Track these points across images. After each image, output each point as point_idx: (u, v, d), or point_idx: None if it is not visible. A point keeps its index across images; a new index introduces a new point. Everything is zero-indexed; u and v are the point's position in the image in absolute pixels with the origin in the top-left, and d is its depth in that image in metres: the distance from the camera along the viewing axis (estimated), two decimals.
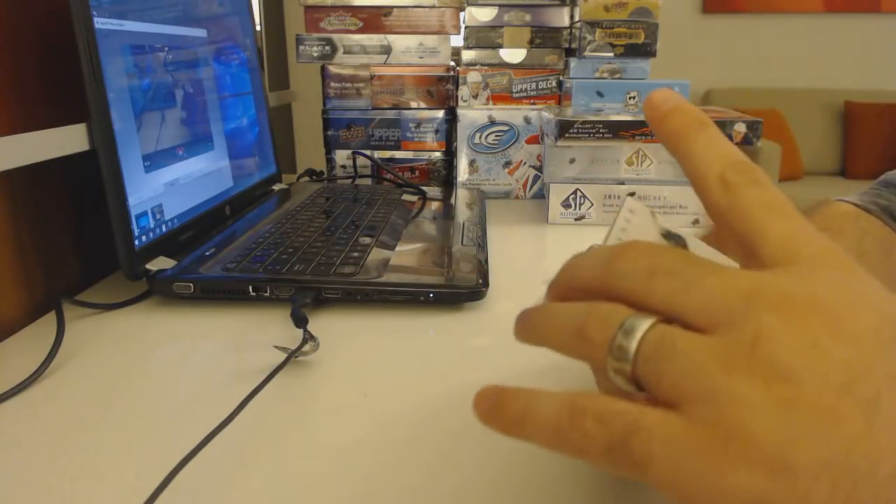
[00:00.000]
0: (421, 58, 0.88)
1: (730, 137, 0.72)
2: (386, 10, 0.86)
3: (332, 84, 0.89)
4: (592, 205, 0.75)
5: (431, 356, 0.43)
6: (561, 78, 0.88)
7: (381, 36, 0.87)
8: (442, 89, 0.89)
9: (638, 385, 0.19)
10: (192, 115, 0.62)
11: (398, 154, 0.90)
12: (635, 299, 0.20)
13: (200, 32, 0.67)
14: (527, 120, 0.86)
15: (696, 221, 0.74)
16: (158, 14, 0.59)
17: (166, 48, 0.59)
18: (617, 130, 0.72)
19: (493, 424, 0.20)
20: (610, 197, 0.75)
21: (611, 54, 0.84)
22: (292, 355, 0.40)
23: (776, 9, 2.88)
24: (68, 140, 0.51)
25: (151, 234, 0.53)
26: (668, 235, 0.26)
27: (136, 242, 0.51)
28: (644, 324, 0.19)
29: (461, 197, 0.81)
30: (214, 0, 0.72)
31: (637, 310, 0.19)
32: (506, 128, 0.86)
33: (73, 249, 0.57)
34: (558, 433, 0.19)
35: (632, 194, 0.74)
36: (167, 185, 0.56)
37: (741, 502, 0.15)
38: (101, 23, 0.49)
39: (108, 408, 0.37)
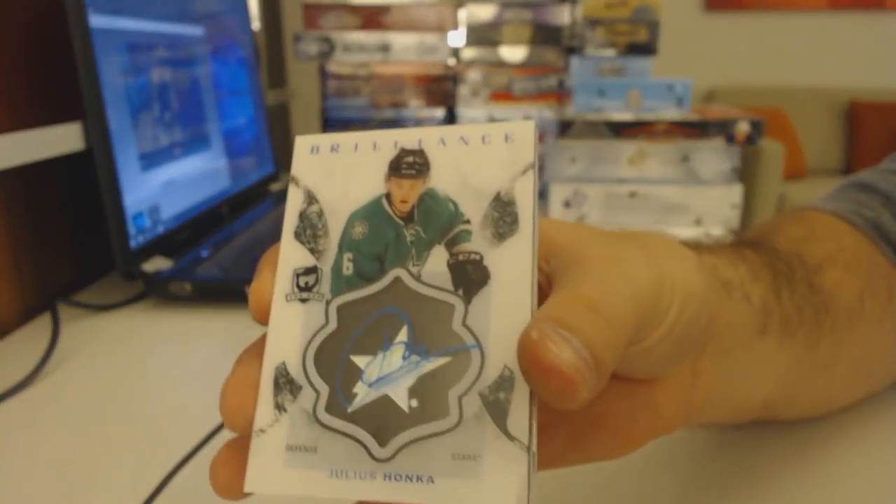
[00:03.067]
0: (420, 56, 0.87)
1: (732, 137, 0.72)
2: (385, 8, 0.86)
3: (331, 82, 0.88)
4: (594, 204, 0.74)
5: None
6: (562, 76, 0.88)
7: (380, 34, 0.86)
8: (441, 88, 0.89)
9: None
10: (188, 113, 0.62)
11: None
12: None
13: (197, 30, 0.66)
14: (527, 119, 0.85)
15: (698, 221, 0.74)
16: (154, 11, 0.58)
17: (162, 46, 0.58)
18: (618, 129, 0.72)
19: None
20: (611, 196, 0.74)
21: (612, 52, 0.84)
22: None
23: (780, 6, 2.87)
24: (63, 139, 0.50)
25: (148, 235, 0.53)
26: (499, 205, 0.16)
27: (132, 243, 0.50)
28: None
29: None
30: None
31: None
32: None
33: (69, 249, 0.57)
34: None
35: (633, 194, 0.73)
36: (163, 185, 0.56)
37: None
38: (96, 20, 0.48)
39: (104, 409, 0.37)
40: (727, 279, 0.23)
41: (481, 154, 0.16)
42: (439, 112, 0.89)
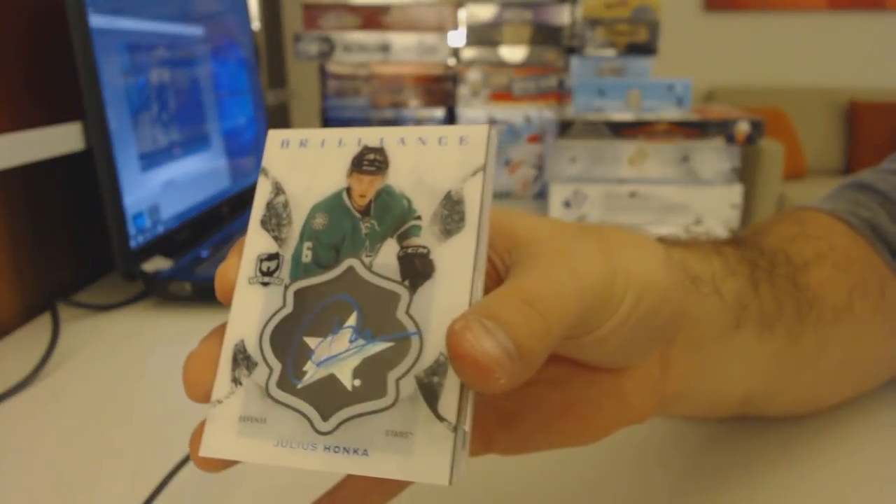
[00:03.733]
0: (420, 56, 0.87)
1: (732, 137, 0.72)
2: (385, 8, 0.86)
3: (331, 82, 0.88)
4: (594, 204, 0.74)
5: None
6: (562, 76, 0.88)
7: (380, 34, 0.86)
8: (441, 88, 0.89)
9: None
10: (188, 113, 0.62)
11: None
12: None
13: (197, 30, 0.66)
14: (527, 119, 0.85)
15: (698, 221, 0.74)
16: (155, 11, 0.58)
17: (162, 46, 0.58)
18: (618, 129, 0.72)
19: None
20: (611, 196, 0.74)
21: (612, 52, 0.84)
22: None
23: (780, 6, 2.87)
24: (63, 139, 0.50)
25: (148, 235, 0.53)
26: (448, 204, 0.17)
27: (132, 243, 0.50)
28: None
29: None
30: None
31: None
32: (506, 127, 0.86)
33: (69, 249, 0.57)
34: None
35: (633, 194, 0.73)
36: (164, 185, 0.56)
37: None
38: (96, 20, 0.48)
39: (104, 409, 0.37)
40: (696, 273, 0.23)
41: (437, 154, 0.17)
42: (439, 112, 0.89)
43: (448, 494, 0.29)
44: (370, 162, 0.17)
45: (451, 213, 0.17)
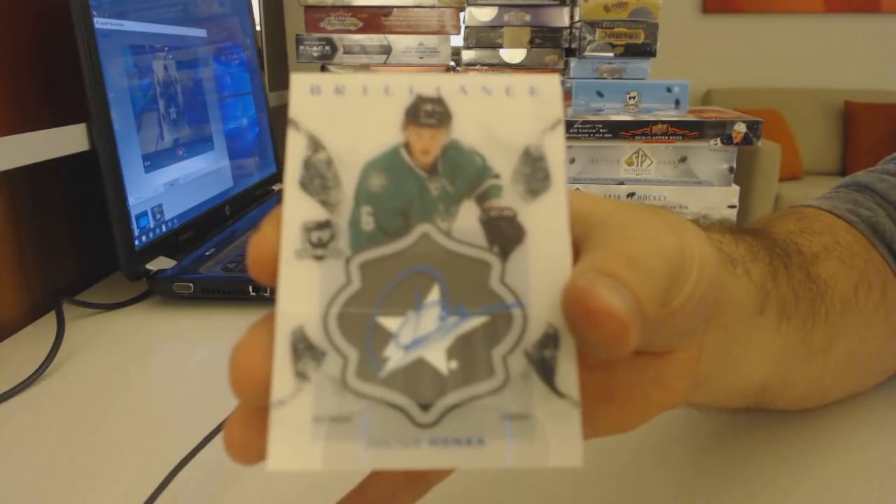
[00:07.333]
0: (421, 58, 0.88)
1: (730, 137, 0.72)
2: (386, 10, 0.86)
3: None
4: None
5: None
6: (561, 78, 0.88)
7: (381, 36, 0.87)
8: None
9: None
10: (192, 115, 0.62)
11: None
12: None
13: (200, 32, 0.67)
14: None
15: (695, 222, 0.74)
16: (158, 14, 0.58)
17: (166, 48, 0.59)
18: (617, 130, 0.72)
19: None
20: (610, 197, 0.75)
21: (611, 54, 0.84)
22: None
23: (776, 9, 2.88)
24: (68, 140, 0.51)
25: (151, 234, 0.53)
26: (529, 160, 0.15)
27: (136, 242, 0.51)
28: None
29: None
30: (214, 0, 0.71)
31: None
32: None
33: (73, 249, 0.57)
34: None
35: (631, 195, 0.74)
36: (167, 185, 0.56)
37: None
38: (101, 23, 0.49)
39: (108, 408, 0.37)
40: (730, 254, 0.23)
41: (506, 106, 0.15)
42: None
43: (451, 492, 0.29)
44: (429, 114, 0.15)
45: (534, 171, 0.15)
